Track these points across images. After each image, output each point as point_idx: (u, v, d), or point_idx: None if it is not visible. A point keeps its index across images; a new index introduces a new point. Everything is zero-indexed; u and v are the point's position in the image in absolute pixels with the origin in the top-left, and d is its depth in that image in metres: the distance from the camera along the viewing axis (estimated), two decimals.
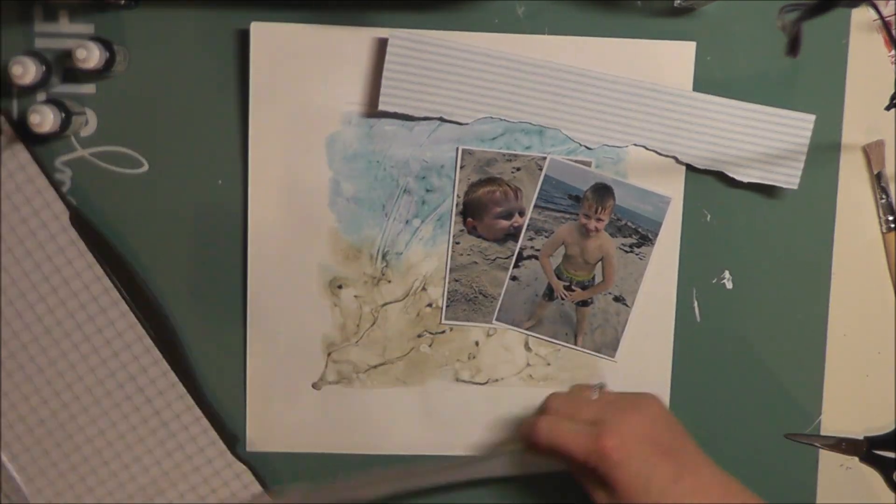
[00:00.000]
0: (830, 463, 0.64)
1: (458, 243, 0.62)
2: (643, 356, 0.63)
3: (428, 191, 0.61)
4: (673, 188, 0.61)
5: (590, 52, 0.60)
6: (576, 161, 0.61)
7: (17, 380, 0.61)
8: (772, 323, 0.63)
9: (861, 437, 0.63)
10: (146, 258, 0.62)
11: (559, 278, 0.62)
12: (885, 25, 0.60)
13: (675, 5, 0.59)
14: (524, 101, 0.59)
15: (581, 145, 0.60)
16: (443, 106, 0.59)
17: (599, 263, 0.62)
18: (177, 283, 0.62)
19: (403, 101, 0.59)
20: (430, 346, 0.63)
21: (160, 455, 0.62)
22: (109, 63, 0.58)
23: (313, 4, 0.60)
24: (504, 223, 0.61)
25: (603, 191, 0.61)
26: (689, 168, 0.61)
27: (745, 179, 0.60)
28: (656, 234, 0.61)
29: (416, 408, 0.63)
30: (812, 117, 0.60)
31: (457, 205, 0.61)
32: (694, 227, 0.62)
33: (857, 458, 0.63)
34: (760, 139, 0.60)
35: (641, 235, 0.61)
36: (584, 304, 0.63)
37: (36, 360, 0.61)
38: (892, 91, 0.54)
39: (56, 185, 0.60)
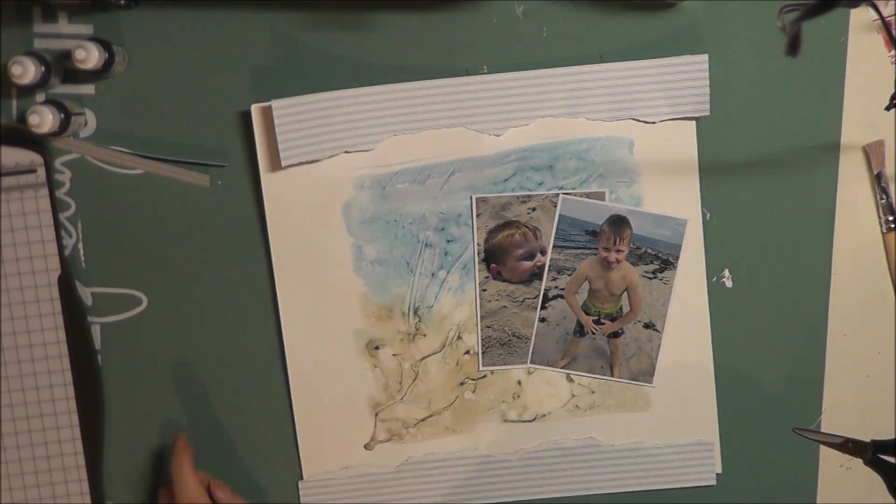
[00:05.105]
0: (831, 463, 0.64)
1: (484, 290, 0.62)
2: (682, 380, 0.63)
3: (449, 241, 0.62)
4: (689, 209, 0.62)
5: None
6: (589, 193, 0.61)
7: None
8: (771, 322, 0.63)
9: (868, 440, 0.62)
10: (149, 272, 0.63)
11: (587, 313, 0.63)
12: (885, 25, 0.60)
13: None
14: (424, 113, 0.60)
15: (490, 134, 0.60)
16: (343, 141, 0.60)
17: (625, 293, 0.62)
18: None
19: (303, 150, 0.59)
20: (473, 392, 0.63)
21: None
22: (109, 63, 0.58)
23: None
24: (527, 264, 0.62)
25: (619, 222, 0.61)
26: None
27: (656, 120, 0.60)
28: (677, 258, 0.62)
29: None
30: (704, 56, 0.59)
31: (478, 253, 0.62)
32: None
33: (859, 460, 0.63)
34: (661, 85, 0.60)
35: (663, 260, 0.62)
36: (616, 335, 0.63)
37: None
38: (893, 91, 0.54)
39: (60, 241, 0.61)
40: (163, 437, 0.64)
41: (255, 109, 0.60)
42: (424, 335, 0.63)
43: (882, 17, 0.53)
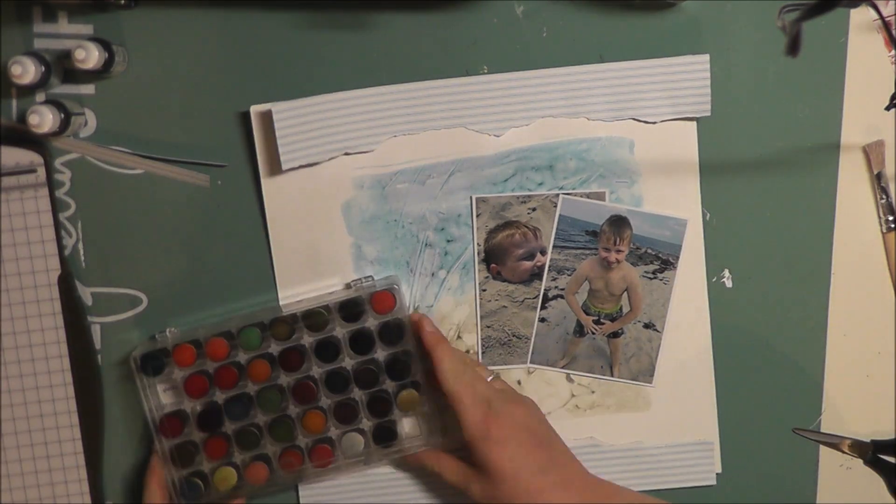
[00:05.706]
0: (831, 463, 0.64)
1: (484, 290, 0.62)
2: (682, 379, 0.63)
3: (449, 241, 0.62)
4: (689, 209, 0.62)
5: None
6: (589, 193, 0.61)
7: None
8: (771, 322, 0.63)
9: (868, 440, 0.62)
10: (147, 264, 0.62)
11: (587, 313, 0.63)
12: (886, 25, 0.60)
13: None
14: (424, 114, 0.60)
15: (490, 134, 0.60)
16: (343, 143, 0.60)
17: (625, 293, 0.62)
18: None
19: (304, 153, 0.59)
20: None
21: None
22: (108, 63, 0.58)
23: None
24: (527, 264, 0.62)
25: (619, 222, 0.61)
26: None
27: (656, 120, 0.60)
28: (677, 258, 0.62)
29: None
30: (705, 56, 0.59)
31: (478, 253, 0.62)
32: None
33: (860, 460, 0.63)
34: (662, 85, 0.60)
35: (663, 261, 0.62)
36: (616, 335, 0.63)
37: None
38: (893, 91, 0.54)
39: (60, 241, 0.61)
40: None
41: (254, 113, 0.60)
42: None
43: (882, 17, 0.53)
